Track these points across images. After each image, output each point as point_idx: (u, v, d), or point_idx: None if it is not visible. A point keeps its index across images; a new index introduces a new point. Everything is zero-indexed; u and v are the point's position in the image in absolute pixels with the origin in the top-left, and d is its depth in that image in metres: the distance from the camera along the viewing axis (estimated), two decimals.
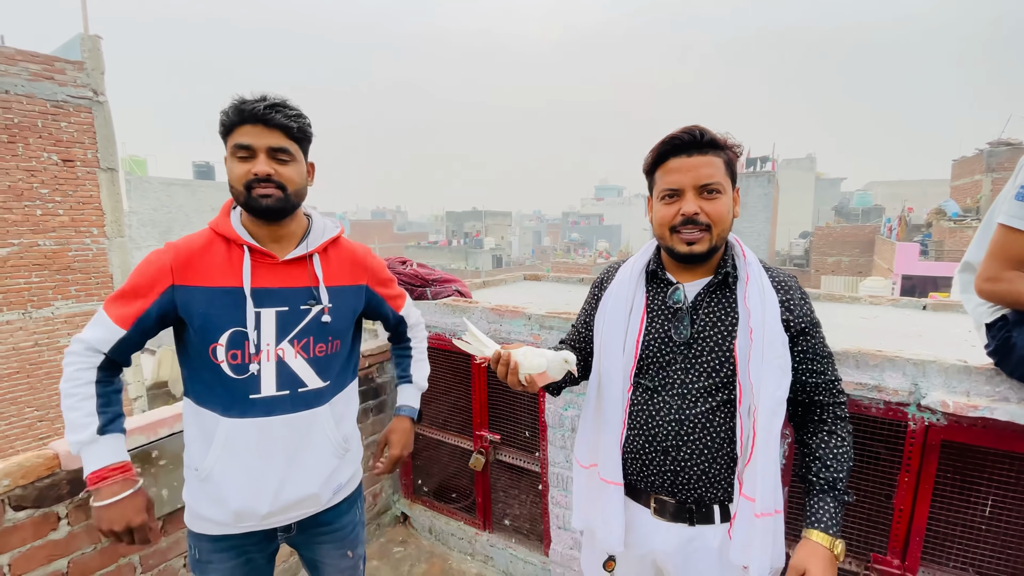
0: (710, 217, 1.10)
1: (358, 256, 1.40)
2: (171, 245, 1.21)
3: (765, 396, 1.08)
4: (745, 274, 1.15)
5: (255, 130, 1.16)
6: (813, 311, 1.18)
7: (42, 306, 7.08)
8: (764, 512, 1.09)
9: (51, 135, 6.94)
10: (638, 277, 1.25)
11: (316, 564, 1.43)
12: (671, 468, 1.15)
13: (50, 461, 1.52)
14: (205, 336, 1.17)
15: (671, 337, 1.17)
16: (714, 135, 1.11)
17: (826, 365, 1.17)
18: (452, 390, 2.63)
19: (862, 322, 2.28)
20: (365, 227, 47.53)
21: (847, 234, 20.36)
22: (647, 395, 1.19)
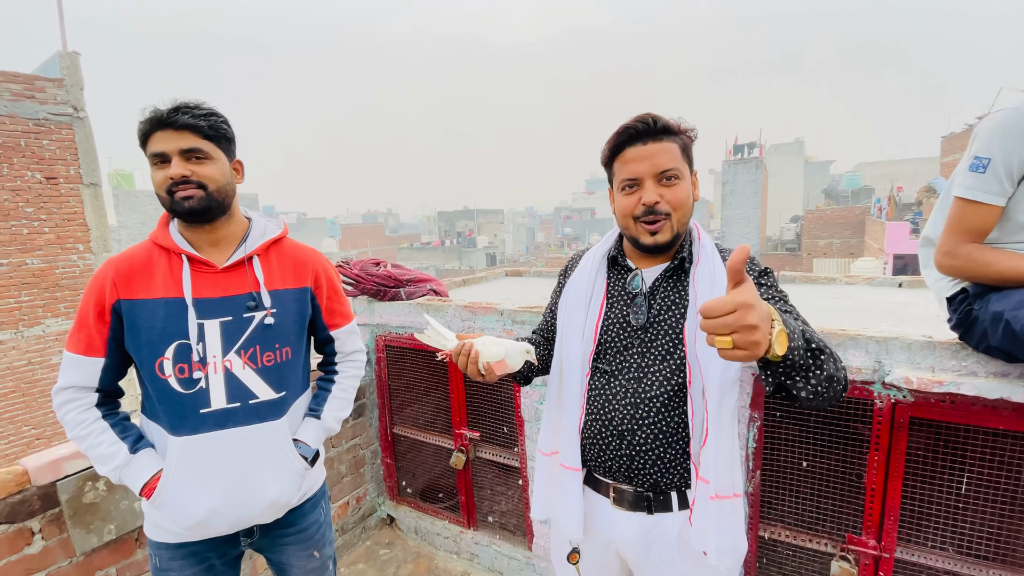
0: (670, 204, 1.10)
1: (303, 257, 1.35)
2: (110, 260, 1.20)
3: (713, 374, 1.07)
4: (697, 257, 1.15)
5: (166, 135, 1.14)
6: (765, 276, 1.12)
7: (33, 324, 7.04)
8: (720, 495, 1.08)
9: (34, 153, 6.90)
10: (599, 264, 1.26)
11: (283, 567, 1.42)
12: (627, 452, 1.15)
13: (19, 477, 1.52)
14: (151, 350, 1.15)
15: (629, 322, 1.18)
16: (667, 121, 1.10)
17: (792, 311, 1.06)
18: (431, 391, 2.62)
19: (835, 302, 2.28)
20: (356, 231, 47.41)
21: (837, 216, 20.42)
22: (604, 379, 1.19)
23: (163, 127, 1.14)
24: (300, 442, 1.33)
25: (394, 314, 2.54)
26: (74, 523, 1.60)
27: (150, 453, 1.20)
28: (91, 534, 1.64)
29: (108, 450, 1.16)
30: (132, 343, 1.17)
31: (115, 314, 1.16)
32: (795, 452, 1.73)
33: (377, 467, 2.84)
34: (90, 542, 1.64)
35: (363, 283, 2.52)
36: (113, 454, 1.16)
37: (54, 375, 7.23)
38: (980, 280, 1.28)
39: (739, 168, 21.70)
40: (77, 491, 1.60)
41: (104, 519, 1.67)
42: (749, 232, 21.60)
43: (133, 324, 1.16)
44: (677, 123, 1.12)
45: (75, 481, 1.60)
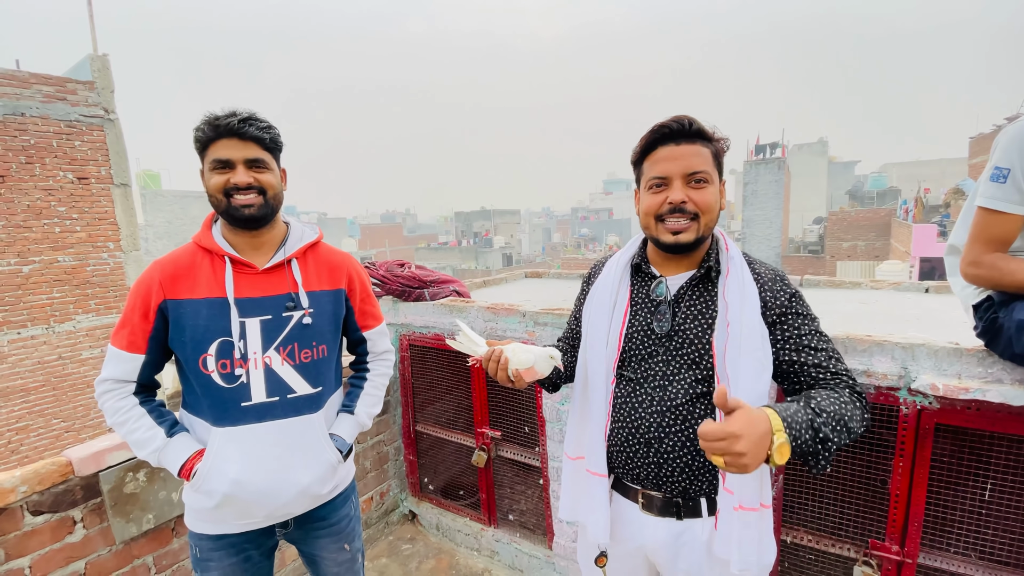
0: (698, 206, 1.09)
1: (337, 261, 1.42)
2: (157, 263, 1.26)
3: (743, 389, 1.06)
4: (727, 268, 1.15)
5: (231, 144, 1.21)
6: (795, 301, 1.12)
7: (64, 320, 7.30)
8: (744, 506, 1.08)
9: (66, 154, 7.14)
10: (623, 271, 1.26)
11: (314, 559, 1.47)
12: (654, 460, 1.15)
13: (64, 468, 1.60)
14: (196, 347, 1.22)
15: (653, 330, 1.17)
16: (702, 125, 1.11)
17: (823, 343, 1.09)
18: (454, 389, 2.67)
19: (860, 307, 2.26)
20: (375, 231, 47.89)
21: (862, 218, 19.98)
22: (630, 387, 1.20)
23: (230, 135, 1.21)
24: (336, 436, 1.39)
25: (418, 314, 2.59)
26: (115, 512, 1.68)
27: (186, 436, 1.27)
28: (130, 523, 1.72)
29: (146, 434, 1.23)
30: (177, 340, 1.24)
31: (160, 314, 1.23)
32: None
33: (400, 464, 2.89)
34: (129, 531, 1.72)
35: (389, 284, 2.58)
36: (151, 438, 1.23)
37: (84, 370, 7.48)
38: (1004, 288, 1.28)
39: (761, 168, 21.39)
40: (119, 482, 1.68)
41: (144, 509, 1.75)
42: (771, 234, 21.28)
43: (178, 323, 1.22)
44: (712, 130, 1.13)
45: (117, 472, 1.67)
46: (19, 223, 6.81)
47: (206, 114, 1.23)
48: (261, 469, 1.26)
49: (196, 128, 1.23)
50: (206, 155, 1.23)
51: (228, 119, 1.20)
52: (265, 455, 1.26)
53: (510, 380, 1.18)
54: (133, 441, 1.24)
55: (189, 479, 1.23)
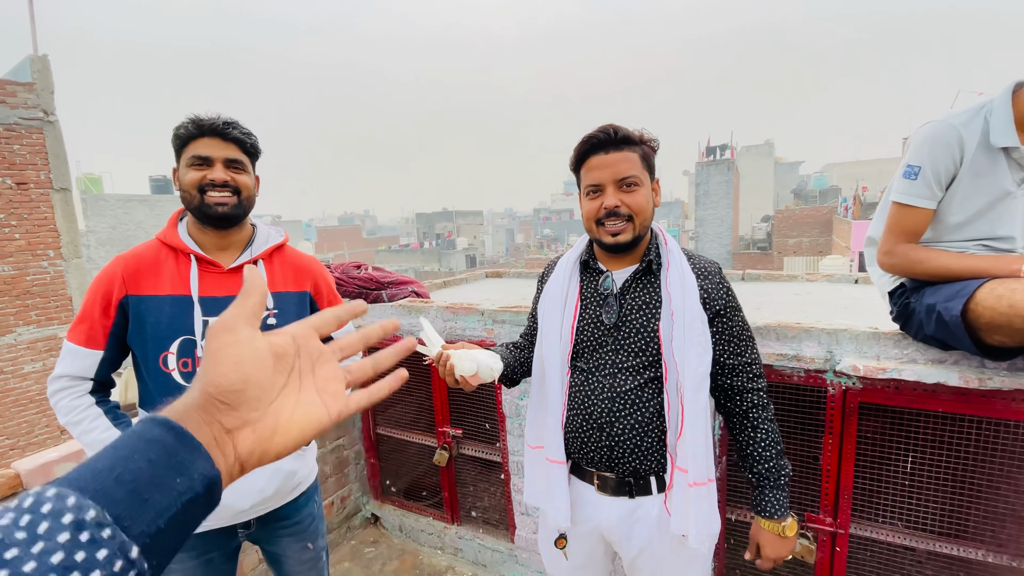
0: (631, 208, 1.18)
1: (303, 264, 1.44)
2: (119, 257, 1.25)
3: (689, 372, 1.16)
4: (667, 261, 1.24)
5: (213, 143, 1.24)
6: (731, 296, 1.26)
7: (4, 333, 6.81)
8: (697, 482, 1.17)
9: (4, 159, 6.68)
10: (572, 268, 1.34)
11: (278, 558, 1.47)
12: (607, 443, 1.23)
13: (12, 480, 1.54)
14: (156, 344, 1.21)
15: (602, 321, 1.25)
16: (628, 132, 1.19)
17: (744, 347, 1.25)
18: (414, 390, 2.68)
19: (794, 298, 2.42)
20: (333, 234, 46.76)
21: (806, 216, 21.06)
22: (583, 376, 1.28)
23: (212, 135, 1.24)
24: None
25: (376, 316, 2.59)
26: None
27: None
28: None
29: (103, 435, 1.20)
30: (137, 337, 1.22)
31: (121, 309, 1.21)
32: None
33: (361, 467, 2.88)
34: None
35: (345, 286, 2.57)
36: (108, 439, 1.17)
37: (26, 384, 7.01)
38: (916, 276, 1.41)
39: (711, 169, 22.21)
40: None
41: None
42: (722, 232, 22.11)
43: (139, 319, 1.21)
44: (640, 133, 1.21)
45: None
46: None
47: (188, 115, 1.25)
48: None
49: (179, 126, 1.24)
50: (185, 151, 1.24)
51: (212, 120, 1.23)
52: None
53: (456, 383, 1.24)
54: (89, 442, 1.20)
55: None
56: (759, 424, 1.24)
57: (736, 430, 1.27)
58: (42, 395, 7.15)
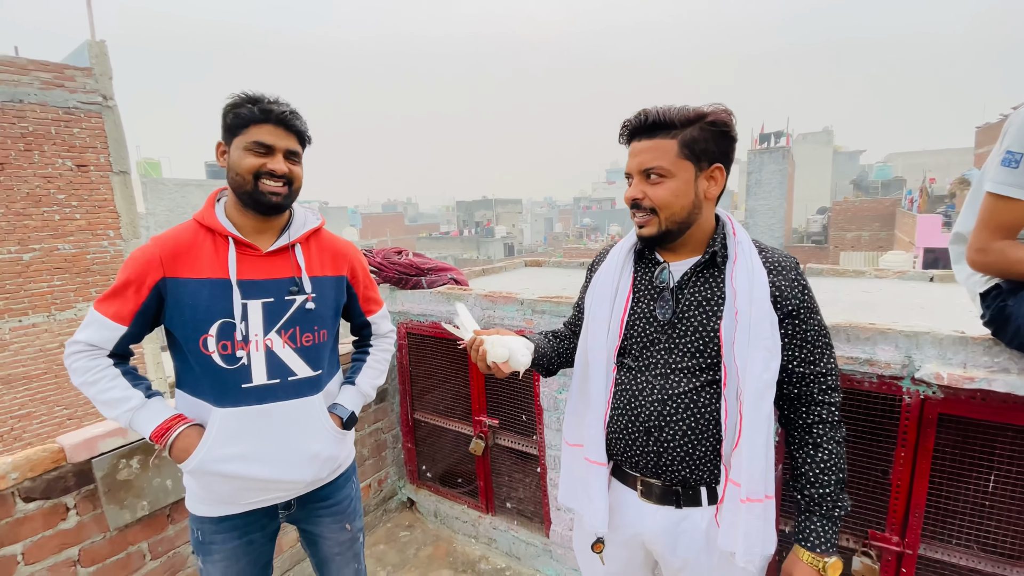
0: (653, 201, 1.09)
1: (339, 248, 1.43)
2: (157, 239, 1.23)
3: (751, 378, 1.04)
4: (734, 253, 1.11)
5: (276, 131, 1.22)
6: (808, 295, 1.11)
7: (65, 308, 7.30)
8: (752, 498, 1.06)
9: (64, 141, 7.09)
10: (626, 257, 1.24)
11: (316, 538, 1.47)
12: (654, 449, 1.13)
13: (56, 454, 1.59)
14: (196, 327, 1.20)
15: (655, 316, 1.15)
16: (660, 115, 1.06)
17: (819, 355, 1.11)
18: (451, 377, 2.65)
19: (864, 296, 2.23)
20: (377, 220, 47.79)
21: (866, 208, 19.86)
22: (631, 375, 1.18)
23: (276, 123, 1.22)
24: (337, 404, 1.43)
25: (415, 302, 2.56)
26: (108, 499, 1.67)
27: (162, 401, 1.25)
28: (124, 510, 1.71)
29: (121, 393, 1.19)
30: (176, 320, 1.22)
31: (156, 291, 1.20)
32: None
33: (398, 451, 2.89)
34: (123, 518, 1.71)
35: (386, 271, 2.55)
36: (127, 397, 1.19)
37: None
38: (1013, 277, 1.24)
39: (765, 157, 21.22)
40: (112, 468, 1.67)
41: (137, 496, 1.74)
42: (774, 224, 21.16)
43: (178, 302, 1.20)
44: (689, 112, 1.06)
45: (110, 459, 1.66)
46: (19, 211, 6.79)
47: (245, 93, 1.22)
48: (263, 449, 1.26)
49: (236, 104, 1.21)
50: (244, 133, 1.21)
51: (279, 106, 1.22)
52: (267, 436, 1.26)
53: (488, 369, 1.19)
54: (105, 400, 1.19)
55: (160, 442, 1.20)
56: (822, 443, 1.10)
57: (794, 445, 1.14)
58: None
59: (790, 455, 1.16)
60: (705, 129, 1.06)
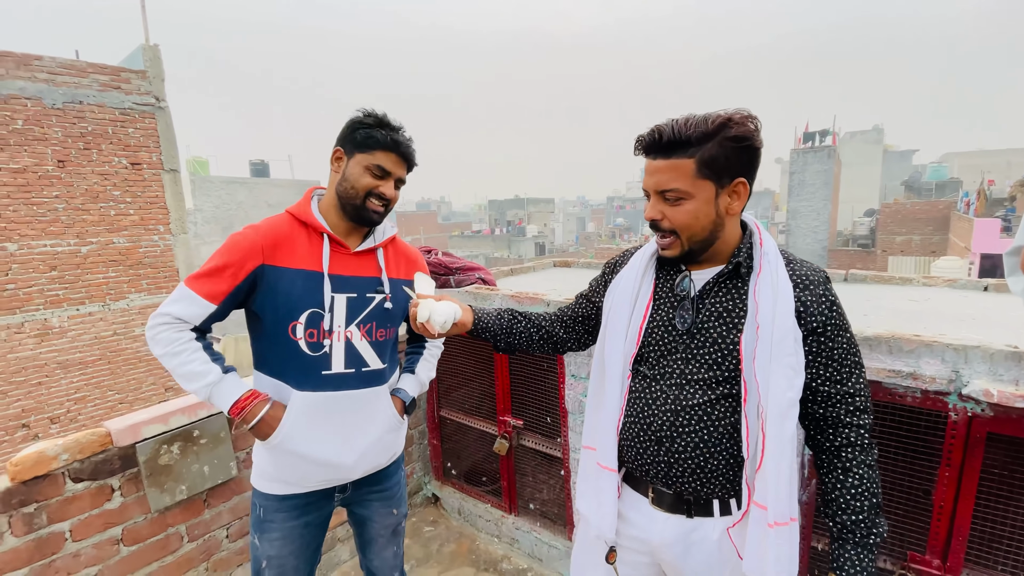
0: (673, 223, 1.06)
1: (411, 255, 1.56)
2: (256, 228, 1.30)
3: (774, 396, 1.00)
4: (759, 264, 1.07)
5: (398, 161, 1.34)
6: (836, 311, 1.06)
7: (119, 298, 7.72)
8: (779, 521, 1.02)
9: (120, 141, 7.49)
10: (648, 263, 1.21)
11: (365, 521, 1.55)
12: (665, 459, 1.12)
13: (103, 438, 1.68)
14: (287, 313, 1.28)
15: (674, 325, 1.13)
16: (675, 133, 1.00)
17: (847, 374, 1.05)
18: (478, 376, 2.67)
19: (910, 305, 2.11)
20: (410, 218, 48.54)
21: (918, 211, 18.83)
22: (645, 383, 1.16)
23: (400, 154, 1.34)
24: (400, 388, 1.53)
25: None
26: (150, 483, 1.76)
27: (237, 377, 1.31)
28: (164, 493, 1.80)
29: (201, 367, 1.25)
30: (268, 305, 1.29)
31: (252, 276, 1.26)
32: None
33: (424, 447, 2.93)
34: (163, 501, 1.80)
35: None
36: (206, 371, 1.25)
37: (136, 345, 7.91)
38: None
39: (809, 157, 20.42)
40: (154, 453, 1.76)
41: (176, 480, 1.82)
42: (818, 226, 20.36)
43: (272, 288, 1.28)
44: (708, 125, 0.99)
45: (152, 444, 1.75)
46: (78, 206, 7.21)
47: (375, 114, 1.32)
48: (335, 433, 1.35)
49: (370, 125, 1.31)
50: (370, 154, 1.31)
51: (405, 139, 1.34)
52: (339, 421, 1.35)
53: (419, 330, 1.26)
54: (186, 372, 1.24)
55: (239, 416, 1.27)
56: (852, 467, 1.04)
57: (823, 469, 1.09)
58: (150, 355, 8.03)
59: (820, 480, 1.11)
60: (726, 144, 0.99)
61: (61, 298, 7.21)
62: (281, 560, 1.39)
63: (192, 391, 1.26)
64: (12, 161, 6.65)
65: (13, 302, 6.86)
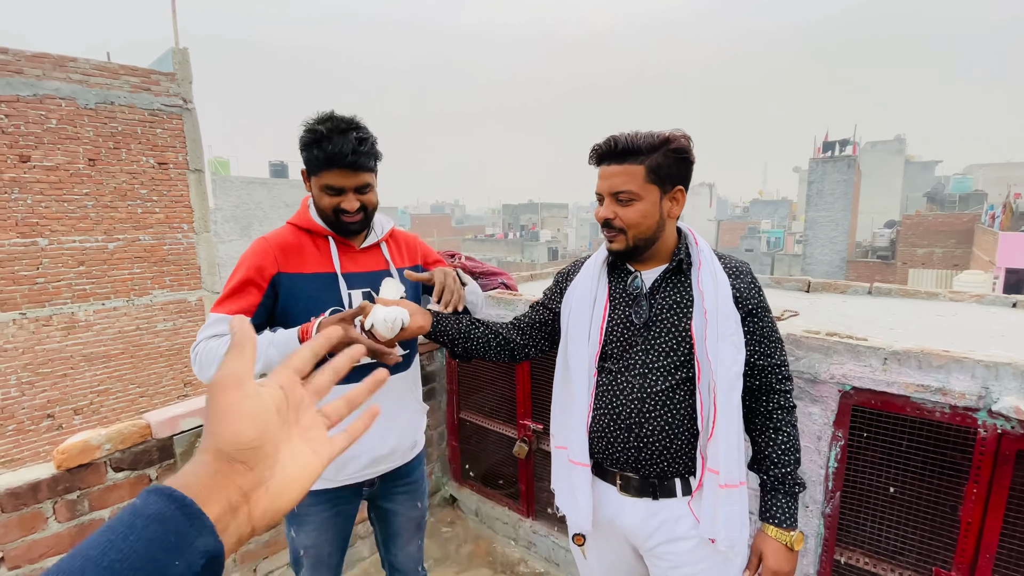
0: (624, 222, 1.20)
1: (409, 240, 1.60)
2: (265, 239, 1.34)
3: (722, 371, 1.15)
4: (698, 260, 1.23)
5: (340, 174, 1.27)
6: (762, 295, 1.26)
7: (142, 294, 7.91)
8: (728, 483, 1.16)
9: (148, 141, 7.69)
10: (600, 269, 1.33)
11: (390, 514, 1.59)
12: (634, 444, 1.22)
13: (143, 430, 1.75)
14: (310, 315, 1.30)
15: (632, 320, 1.24)
16: (628, 142, 1.17)
17: (773, 348, 1.24)
18: (498, 380, 2.70)
19: (937, 320, 2.10)
20: (425, 221, 48.88)
21: (941, 223, 18.50)
22: (611, 376, 1.26)
23: (339, 166, 1.25)
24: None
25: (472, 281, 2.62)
26: None
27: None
28: None
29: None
30: (291, 311, 1.32)
31: (272, 285, 1.31)
32: (882, 476, 1.64)
33: (443, 449, 2.96)
34: None
35: None
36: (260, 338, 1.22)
37: (157, 340, 8.09)
38: None
39: (828, 167, 20.19)
40: (189, 446, 1.82)
41: None
42: (836, 236, 20.10)
43: (291, 294, 1.33)
44: (657, 138, 1.16)
45: (188, 437, 1.81)
46: (107, 203, 7.41)
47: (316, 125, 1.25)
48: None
49: (308, 143, 1.26)
50: (317, 176, 1.29)
51: (344, 150, 1.23)
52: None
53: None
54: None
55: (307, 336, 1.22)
56: (781, 426, 1.23)
57: (757, 431, 1.26)
58: (171, 350, 8.21)
59: (753, 441, 1.28)
60: (669, 155, 1.17)
61: (88, 292, 7.41)
62: (317, 548, 1.47)
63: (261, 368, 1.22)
64: (46, 159, 6.87)
65: (43, 295, 7.06)
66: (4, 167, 6.59)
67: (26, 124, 6.68)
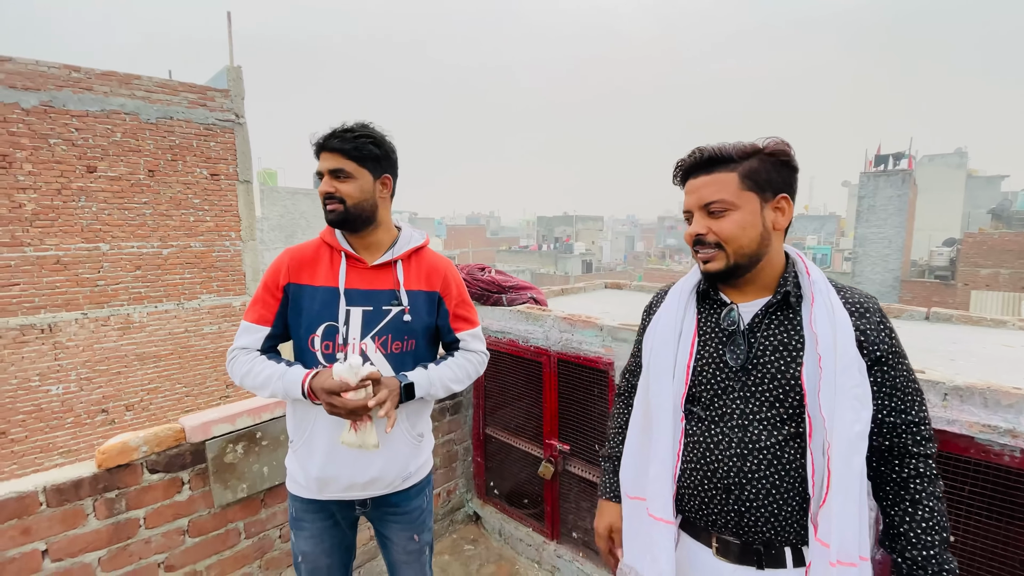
0: (719, 235, 1.05)
1: (438, 267, 1.50)
2: (288, 250, 1.44)
3: (840, 430, 0.96)
4: (810, 294, 1.04)
5: (325, 157, 1.37)
6: (894, 339, 1.04)
7: (192, 298, 8.29)
8: (843, 561, 0.95)
9: (202, 153, 8.13)
10: (687, 298, 1.17)
11: (386, 542, 1.57)
12: (735, 508, 1.05)
13: (178, 433, 1.80)
14: (308, 327, 1.37)
15: (726, 362, 1.08)
16: (716, 151, 1.05)
17: (910, 403, 1.02)
18: (525, 396, 2.65)
19: (1004, 351, 1.93)
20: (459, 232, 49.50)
21: (1008, 242, 17.25)
22: (702, 425, 1.10)
23: (320, 150, 1.37)
24: (403, 374, 1.39)
25: (494, 319, 2.61)
26: (215, 479, 1.86)
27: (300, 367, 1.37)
28: (227, 490, 1.89)
29: (270, 369, 1.35)
30: (294, 320, 1.41)
31: (284, 293, 1.40)
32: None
33: (468, 464, 2.93)
34: (226, 497, 1.89)
35: (469, 287, 2.62)
36: (272, 371, 1.34)
37: (204, 343, 8.45)
38: None
39: (880, 181, 19.22)
40: (220, 451, 1.85)
41: (239, 479, 1.91)
42: (888, 254, 19.06)
43: (297, 304, 1.40)
44: (747, 146, 1.04)
45: (220, 442, 1.85)
46: (163, 212, 7.85)
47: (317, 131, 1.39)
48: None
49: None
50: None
51: (323, 135, 1.36)
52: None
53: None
54: (261, 382, 1.34)
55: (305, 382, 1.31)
56: (921, 499, 1.00)
57: (888, 502, 1.04)
58: (215, 352, 8.56)
59: (884, 513, 1.06)
60: (765, 160, 1.04)
61: (143, 295, 7.83)
62: (314, 557, 1.48)
63: (270, 394, 1.35)
64: (110, 170, 7.35)
65: (102, 297, 7.51)
66: (73, 177, 7.09)
67: (94, 137, 7.18)
